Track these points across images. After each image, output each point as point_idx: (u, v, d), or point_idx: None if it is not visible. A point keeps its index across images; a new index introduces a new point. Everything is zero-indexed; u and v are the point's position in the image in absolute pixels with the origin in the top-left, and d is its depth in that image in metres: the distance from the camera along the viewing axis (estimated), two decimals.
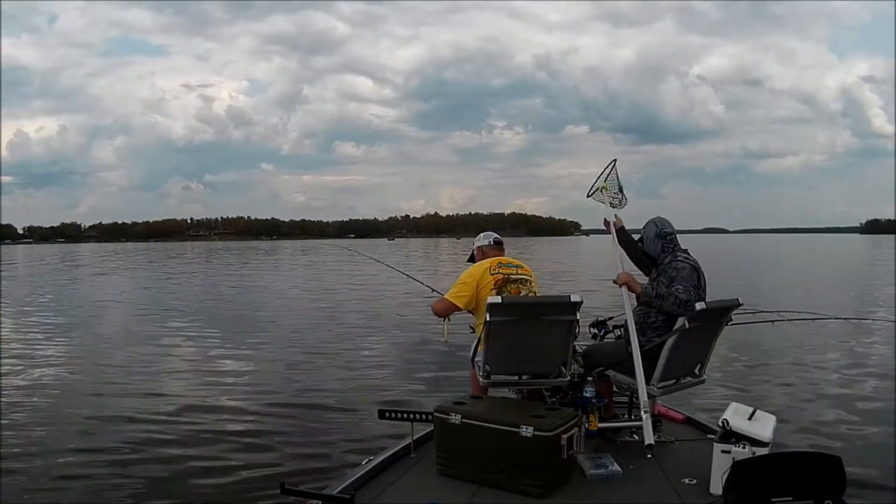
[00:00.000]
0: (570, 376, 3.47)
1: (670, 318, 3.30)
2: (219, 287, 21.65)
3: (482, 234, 4.11)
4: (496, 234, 4.09)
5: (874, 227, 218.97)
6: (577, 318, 3.27)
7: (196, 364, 8.43)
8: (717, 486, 2.70)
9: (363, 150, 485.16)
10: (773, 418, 2.94)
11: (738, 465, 2.52)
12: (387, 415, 3.43)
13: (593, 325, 4.07)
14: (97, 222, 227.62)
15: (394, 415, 3.44)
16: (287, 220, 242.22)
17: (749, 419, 2.84)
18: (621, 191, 4.07)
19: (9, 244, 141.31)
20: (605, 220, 4.00)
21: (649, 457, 3.01)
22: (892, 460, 4.51)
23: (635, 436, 3.50)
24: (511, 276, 3.71)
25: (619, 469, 3.04)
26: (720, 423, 2.84)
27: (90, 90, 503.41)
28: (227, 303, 16.42)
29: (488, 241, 4.01)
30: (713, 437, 2.97)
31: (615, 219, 3.96)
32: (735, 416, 2.84)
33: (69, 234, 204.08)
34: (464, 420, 2.97)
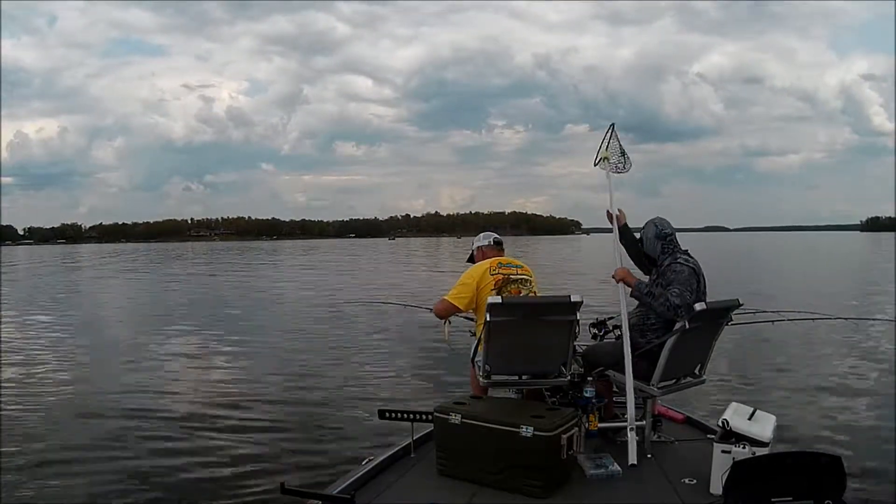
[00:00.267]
0: (570, 376, 3.46)
1: (669, 321, 3.27)
2: (219, 288, 21.67)
3: (482, 235, 4.10)
4: (496, 234, 4.07)
5: (874, 225, 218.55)
6: (577, 318, 3.25)
7: (196, 364, 8.45)
8: (717, 486, 2.70)
9: (363, 150, 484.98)
10: (773, 418, 2.93)
11: (738, 466, 2.52)
12: (387, 415, 3.43)
13: (593, 325, 4.06)
14: (97, 223, 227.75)
15: (394, 415, 3.43)
16: (287, 220, 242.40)
17: (749, 419, 2.84)
18: (623, 153, 3.87)
19: (9, 245, 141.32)
20: (607, 212, 3.81)
21: (649, 456, 2.99)
22: (893, 460, 4.51)
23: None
24: (511, 276, 3.70)
25: (619, 469, 3.03)
26: (720, 423, 2.84)
27: (90, 91, 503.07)
28: (228, 303, 16.42)
29: (488, 242, 4.00)
30: (713, 437, 2.97)
31: (618, 212, 3.79)
32: (735, 416, 2.84)
33: (70, 234, 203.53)
34: (464, 420, 2.97)
